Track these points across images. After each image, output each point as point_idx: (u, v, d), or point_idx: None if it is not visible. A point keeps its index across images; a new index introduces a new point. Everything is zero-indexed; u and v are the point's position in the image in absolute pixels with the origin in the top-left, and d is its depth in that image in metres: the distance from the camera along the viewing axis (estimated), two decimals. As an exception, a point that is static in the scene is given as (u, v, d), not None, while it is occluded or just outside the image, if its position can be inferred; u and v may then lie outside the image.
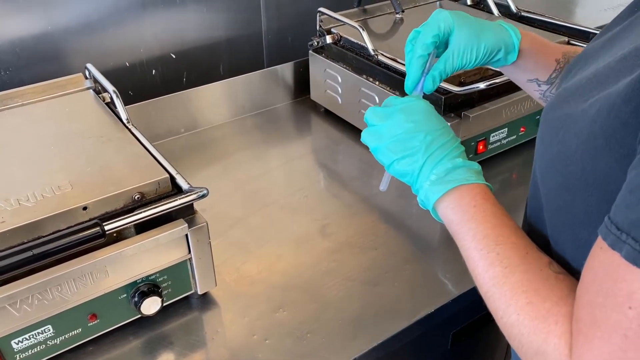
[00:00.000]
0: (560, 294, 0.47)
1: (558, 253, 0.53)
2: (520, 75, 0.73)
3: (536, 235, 0.57)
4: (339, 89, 1.15)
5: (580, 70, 0.55)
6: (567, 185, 0.49)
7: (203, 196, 0.70)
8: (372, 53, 1.04)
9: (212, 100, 1.20)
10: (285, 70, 1.27)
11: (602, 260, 0.42)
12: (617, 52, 0.50)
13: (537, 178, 0.56)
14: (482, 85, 0.90)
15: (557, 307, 0.47)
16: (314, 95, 1.24)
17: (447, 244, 0.91)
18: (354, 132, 1.17)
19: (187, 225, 0.70)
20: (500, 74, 0.95)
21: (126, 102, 1.06)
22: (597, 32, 1.12)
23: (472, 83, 0.93)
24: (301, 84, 1.29)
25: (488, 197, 0.56)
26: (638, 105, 0.41)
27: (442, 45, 0.67)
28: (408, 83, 0.66)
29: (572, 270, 0.51)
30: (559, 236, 0.53)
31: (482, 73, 0.98)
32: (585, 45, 0.73)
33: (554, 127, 0.51)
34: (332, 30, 1.15)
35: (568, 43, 1.10)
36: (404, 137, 0.59)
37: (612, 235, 0.41)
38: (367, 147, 1.11)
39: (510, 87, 1.01)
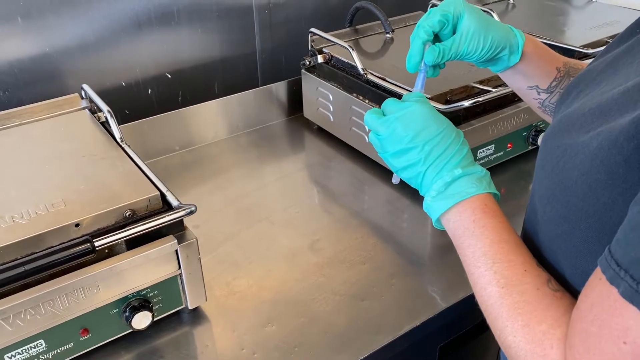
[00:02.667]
0: (556, 315, 0.48)
1: (556, 276, 0.53)
2: (521, 81, 0.73)
3: (534, 256, 0.56)
4: (331, 107, 1.18)
5: (581, 94, 0.55)
6: (566, 215, 0.49)
7: (191, 212, 0.72)
8: (362, 72, 1.07)
9: (207, 119, 1.22)
10: (279, 88, 1.29)
11: (600, 292, 0.42)
12: (619, 80, 0.50)
13: (536, 204, 0.55)
14: (466, 103, 0.92)
15: (552, 330, 0.47)
16: (307, 113, 1.27)
17: (436, 258, 0.92)
18: (346, 148, 1.19)
19: (176, 241, 0.72)
20: (485, 92, 0.98)
21: (122, 120, 1.10)
22: (583, 50, 1.15)
23: (457, 101, 0.95)
24: (294, 102, 1.31)
25: (488, 210, 0.56)
26: None
27: (448, 34, 0.66)
28: (409, 60, 0.65)
29: (570, 293, 0.51)
30: (556, 262, 0.54)
31: (467, 91, 1.00)
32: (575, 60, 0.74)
33: (555, 156, 0.51)
34: (324, 50, 1.18)
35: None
36: (403, 149, 0.59)
37: (611, 270, 0.41)
38: (358, 164, 1.14)
39: (496, 105, 1.03)
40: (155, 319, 0.75)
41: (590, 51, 1.13)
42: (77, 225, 0.69)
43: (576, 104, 0.53)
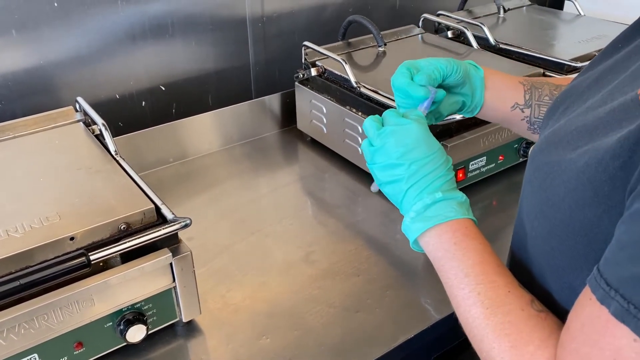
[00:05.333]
0: (542, 335, 0.48)
1: (542, 291, 0.54)
2: (502, 103, 0.73)
3: (521, 271, 0.57)
4: (324, 119, 1.18)
5: (568, 110, 0.55)
6: (554, 231, 0.50)
7: (186, 226, 0.72)
8: (355, 85, 1.08)
9: (201, 131, 1.23)
10: (273, 101, 1.30)
11: (591, 312, 0.42)
12: (604, 97, 0.50)
13: (524, 219, 0.56)
14: (458, 116, 0.93)
15: (540, 351, 0.47)
16: (300, 125, 1.28)
17: (429, 269, 0.92)
18: (339, 160, 1.19)
19: (171, 254, 0.72)
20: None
21: (116, 133, 1.10)
22: (571, 63, 1.16)
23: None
24: (288, 114, 1.32)
25: (469, 233, 0.57)
26: (626, 161, 0.43)
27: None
28: (415, 93, 0.65)
29: (556, 308, 0.52)
30: (544, 277, 0.54)
31: (459, 104, 1.01)
32: (557, 76, 0.75)
33: (542, 173, 0.51)
34: (317, 63, 1.19)
35: (543, 74, 1.15)
36: (390, 164, 0.60)
37: (601, 289, 0.41)
38: (352, 175, 1.14)
39: (487, 117, 1.04)
40: (149, 332, 0.75)
41: (579, 65, 1.15)
42: (71, 238, 0.69)
43: (563, 120, 0.54)
